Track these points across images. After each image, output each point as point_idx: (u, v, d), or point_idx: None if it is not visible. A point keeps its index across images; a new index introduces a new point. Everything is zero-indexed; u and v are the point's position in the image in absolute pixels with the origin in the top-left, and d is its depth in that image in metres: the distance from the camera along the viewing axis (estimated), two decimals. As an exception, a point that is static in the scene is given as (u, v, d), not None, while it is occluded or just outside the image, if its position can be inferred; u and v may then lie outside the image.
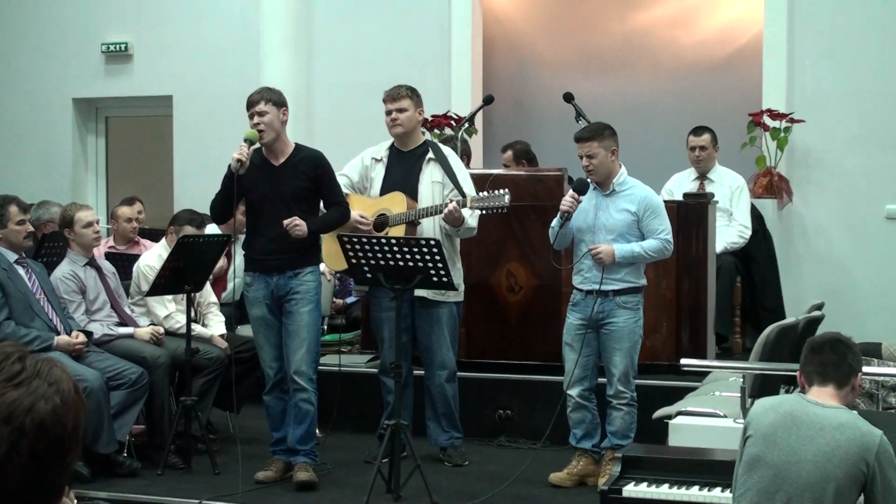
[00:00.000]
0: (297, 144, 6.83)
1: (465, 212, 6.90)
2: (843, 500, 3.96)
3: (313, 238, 6.78)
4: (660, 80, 10.60)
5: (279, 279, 6.67)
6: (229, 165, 6.61)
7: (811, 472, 3.97)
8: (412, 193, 7.10)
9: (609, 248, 6.47)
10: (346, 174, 7.24)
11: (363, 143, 7.52)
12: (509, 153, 9.19)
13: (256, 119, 6.66)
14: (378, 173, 7.20)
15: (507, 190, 6.82)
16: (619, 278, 6.54)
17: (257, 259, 6.73)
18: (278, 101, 6.72)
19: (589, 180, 6.66)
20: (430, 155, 7.18)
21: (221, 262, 8.08)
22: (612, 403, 6.59)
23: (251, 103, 6.71)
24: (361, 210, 7.15)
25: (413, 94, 7.19)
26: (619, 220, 6.56)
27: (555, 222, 6.68)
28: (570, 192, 6.60)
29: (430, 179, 7.11)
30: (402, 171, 7.18)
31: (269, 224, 6.63)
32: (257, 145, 6.73)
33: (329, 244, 7.28)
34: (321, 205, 6.86)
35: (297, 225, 6.55)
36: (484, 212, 6.96)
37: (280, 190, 6.65)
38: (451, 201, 6.85)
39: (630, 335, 6.54)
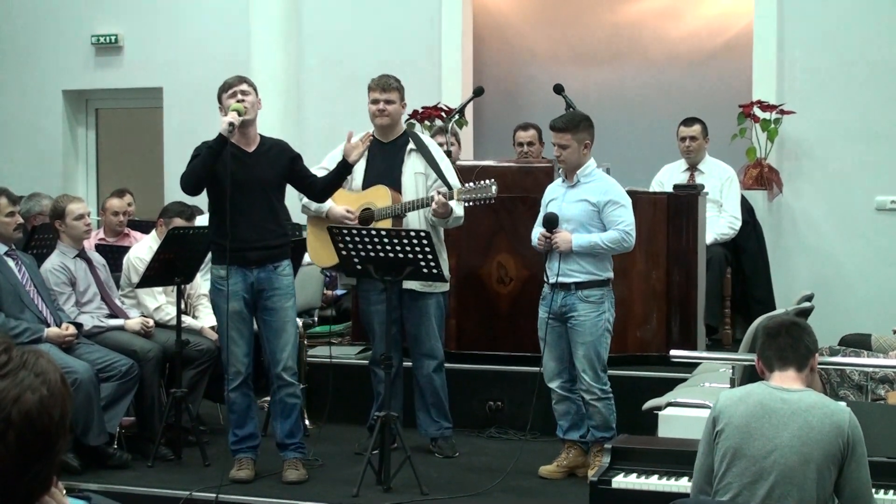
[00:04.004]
0: (260, 134, 6.68)
1: (451, 202, 6.89)
2: (824, 479, 4.01)
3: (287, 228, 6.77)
4: (650, 71, 10.61)
5: (259, 272, 6.53)
6: (218, 134, 6.36)
7: (789, 458, 4.00)
8: (395, 185, 7.07)
9: (566, 235, 6.48)
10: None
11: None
12: (533, 132, 9.09)
13: (240, 97, 6.50)
14: (359, 165, 7.05)
15: (493, 180, 6.82)
16: (580, 270, 6.52)
17: (235, 250, 6.44)
18: (256, 89, 6.66)
19: (559, 170, 6.77)
20: (412, 145, 7.16)
21: None
22: (585, 399, 6.59)
23: (230, 85, 6.55)
24: (345, 204, 7.10)
25: (400, 86, 7.17)
26: (579, 211, 6.55)
27: (535, 240, 6.70)
28: (542, 230, 6.58)
29: (413, 171, 7.09)
30: (384, 162, 7.13)
31: (248, 211, 6.46)
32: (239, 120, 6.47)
33: (313, 241, 7.26)
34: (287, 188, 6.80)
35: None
36: (471, 203, 6.95)
37: (258, 176, 6.50)
38: (438, 194, 6.84)
39: (592, 329, 6.50)
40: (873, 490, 4.41)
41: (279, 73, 10.82)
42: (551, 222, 6.51)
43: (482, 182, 6.82)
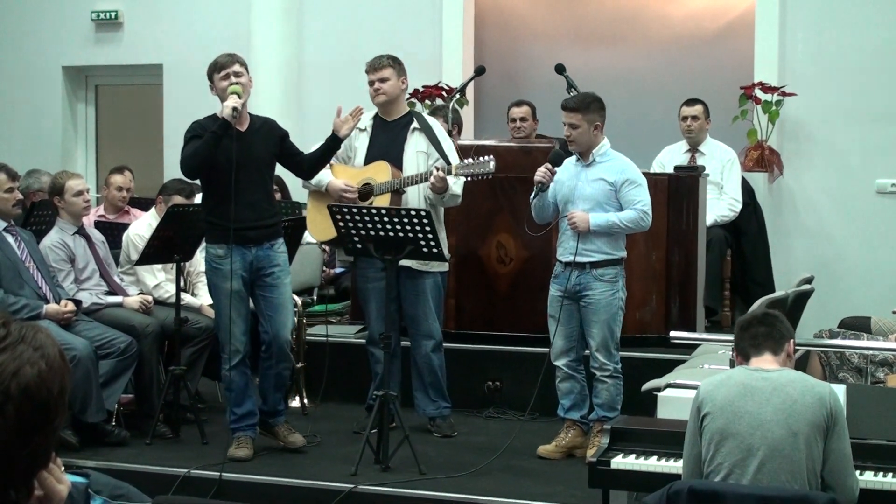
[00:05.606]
0: (249, 112, 6.68)
1: (450, 179, 6.88)
2: (812, 452, 4.05)
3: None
4: (651, 52, 10.57)
5: (258, 251, 6.56)
6: (221, 117, 6.34)
7: (776, 432, 4.04)
8: (397, 163, 7.06)
9: (584, 214, 6.47)
10: None
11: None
12: (526, 108, 9.07)
13: (234, 79, 6.48)
14: (362, 143, 7.12)
15: (491, 156, 6.81)
16: (596, 249, 6.52)
17: (234, 229, 6.41)
18: (247, 67, 6.64)
19: (570, 150, 6.68)
20: (415, 125, 7.15)
21: None
22: (596, 376, 6.60)
23: (223, 66, 6.52)
24: (346, 179, 7.10)
25: (395, 62, 7.13)
26: (596, 190, 6.55)
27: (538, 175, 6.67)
28: (546, 164, 6.58)
29: (415, 149, 7.08)
30: (387, 140, 7.13)
31: (244, 191, 6.44)
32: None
33: (313, 214, 7.25)
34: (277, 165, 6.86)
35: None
36: (469, 178, 6.94)
37: (253, 155, 6.51)
38: (437, 168, 6.84)
39: (607, 307, 6.52)
40: (871, 472, 4.43)
41: (280, 51, 10.80)
42: (558, 157, 6.55)
43: (480, 158, 6.82)
